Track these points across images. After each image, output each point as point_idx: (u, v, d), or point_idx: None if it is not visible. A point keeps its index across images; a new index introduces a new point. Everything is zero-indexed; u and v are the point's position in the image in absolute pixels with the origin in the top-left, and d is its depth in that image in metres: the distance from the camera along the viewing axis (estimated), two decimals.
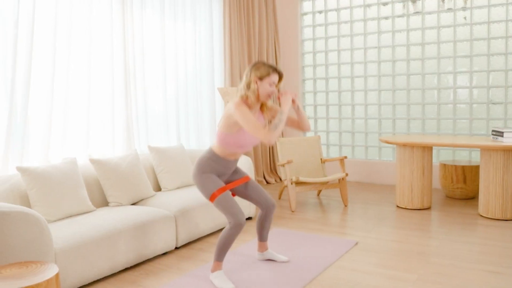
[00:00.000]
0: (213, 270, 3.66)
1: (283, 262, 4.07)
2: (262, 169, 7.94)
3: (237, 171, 3.88)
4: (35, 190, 3.87)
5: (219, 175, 3.68)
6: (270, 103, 3.73)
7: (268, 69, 3.51)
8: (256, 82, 3.49)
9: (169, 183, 5.16)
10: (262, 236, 4.05)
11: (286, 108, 3.50)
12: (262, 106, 3.69)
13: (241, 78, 7.31)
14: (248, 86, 3.51)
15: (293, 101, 3.62)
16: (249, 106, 3.54)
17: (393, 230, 4.95)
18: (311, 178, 6.16)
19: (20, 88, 4.43)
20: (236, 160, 3.74)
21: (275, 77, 3.53)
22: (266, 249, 4.12)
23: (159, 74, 6.05)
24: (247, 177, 3.89)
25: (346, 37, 7.94)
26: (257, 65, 3.54)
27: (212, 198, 3.55)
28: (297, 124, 3.79)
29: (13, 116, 4.37)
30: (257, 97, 3.53)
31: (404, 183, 5.83)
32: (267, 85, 3.50)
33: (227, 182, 3.82)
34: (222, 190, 3.56)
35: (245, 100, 3.52)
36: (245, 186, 3.87)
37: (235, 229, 3.51)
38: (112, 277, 3.84)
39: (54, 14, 4.68)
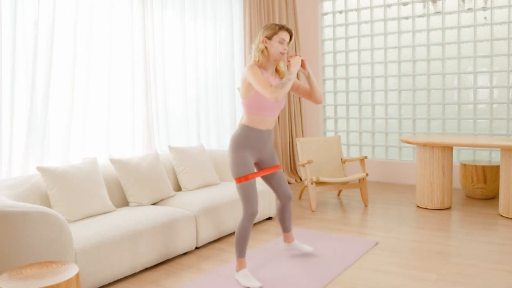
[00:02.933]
0: (237, 270, 3.67)
1: (309, 252, 4.20)
2: (283, 169, 7.93)
3: (273, 156, 3.90)
4: (55, 190, 3.91)
5: (254, 150, 3.68)
6: (284, 67, 3.76)
7: (275, 27, 3.55)
8: (266, 42, 3.54)
9: (189, 183, 5.19)
10: (285, 227, 4.16)
11: (294, 68, 3.50)
12: (278, 71, 3.74)
13: None
14: (257, 47, 3.57)
15: (303, 65, 3.68)
16: (263, 68, 3.60)
17: (414, 230, 4.91)
18: (332, 178, 6.14)
19: (40, 88, 4.48)
20: (268, 131, 3.72)
21: (283, 34, 3.55)
22: (293, 239, 4.22)
23: (179, 74, 6.09)
24: (278, 166, 3.93)
25: (366, 37, 7.91)
26: (265, 26, 3.60)
27: (238, 180, 3.58)
28: (309, 94, 3.80)
29: (34, 116, 4.42)
30: (268, 57, 3.58)
31: (424, 183, 5.79)
32: (276, 43, 3.53)
33: (261, 164, 3.87)
34: (249, 177, 3.58)
35: (257, 62, 3.57)
36: (272, 174, 3.93)
37: (248, 218, 3.58)
38: (133, 277, 3.87)
39: (74, 14, 4.73)
